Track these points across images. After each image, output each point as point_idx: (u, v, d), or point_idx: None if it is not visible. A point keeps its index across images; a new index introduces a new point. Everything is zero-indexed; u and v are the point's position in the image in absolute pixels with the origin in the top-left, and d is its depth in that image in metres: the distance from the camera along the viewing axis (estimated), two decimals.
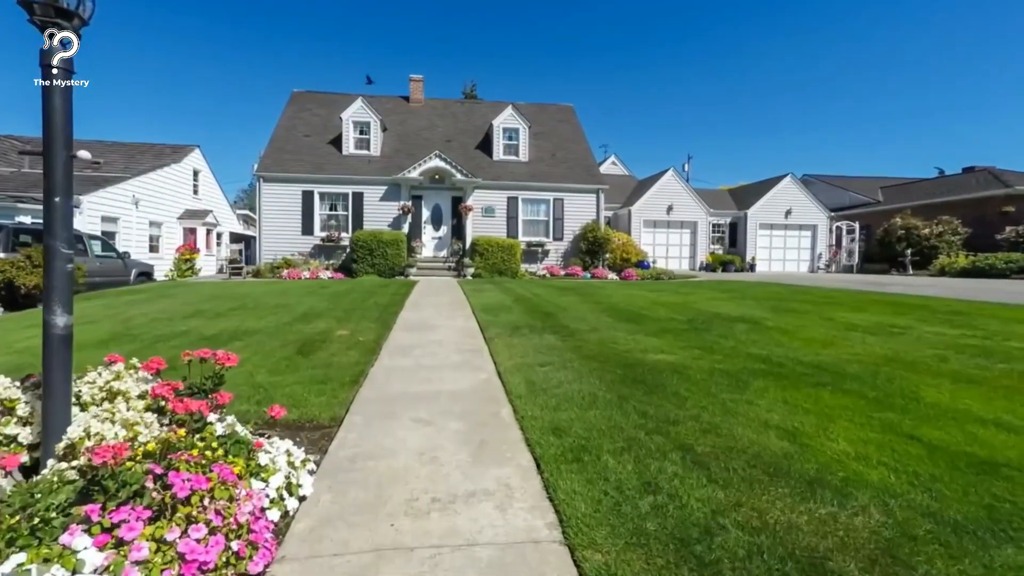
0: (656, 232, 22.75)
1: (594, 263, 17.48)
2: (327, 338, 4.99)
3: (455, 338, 5.19)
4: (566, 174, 18.43)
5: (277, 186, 16.67)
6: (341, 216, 17.06)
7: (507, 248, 15.84)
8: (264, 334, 5.14)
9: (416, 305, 7.66)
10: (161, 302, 7.71)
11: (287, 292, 9.11)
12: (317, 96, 20.59)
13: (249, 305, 7.19)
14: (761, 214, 23.07)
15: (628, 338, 5.01)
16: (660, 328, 5.54)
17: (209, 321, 5.89)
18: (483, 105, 21.95)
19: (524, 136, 18.71)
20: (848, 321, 5.91)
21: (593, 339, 4.95)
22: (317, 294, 8.86)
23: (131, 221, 17.55)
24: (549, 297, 8.66)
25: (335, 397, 3.19)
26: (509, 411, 3.00)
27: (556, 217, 17.92)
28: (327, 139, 18.36)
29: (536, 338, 5.04)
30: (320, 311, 6.72)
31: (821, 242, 23.31)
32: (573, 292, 9.60)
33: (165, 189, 19.82)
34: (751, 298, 8.62)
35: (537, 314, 6.59)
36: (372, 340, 4.98)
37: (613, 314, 6.61)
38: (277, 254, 16.25)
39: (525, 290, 9.93)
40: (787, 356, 4.14)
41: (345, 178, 16.91)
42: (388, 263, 15.23)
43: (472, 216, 17.29)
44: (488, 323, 5.88)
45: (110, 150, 20.78)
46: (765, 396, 3.13)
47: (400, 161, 17.63)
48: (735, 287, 11.45)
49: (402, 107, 21.00)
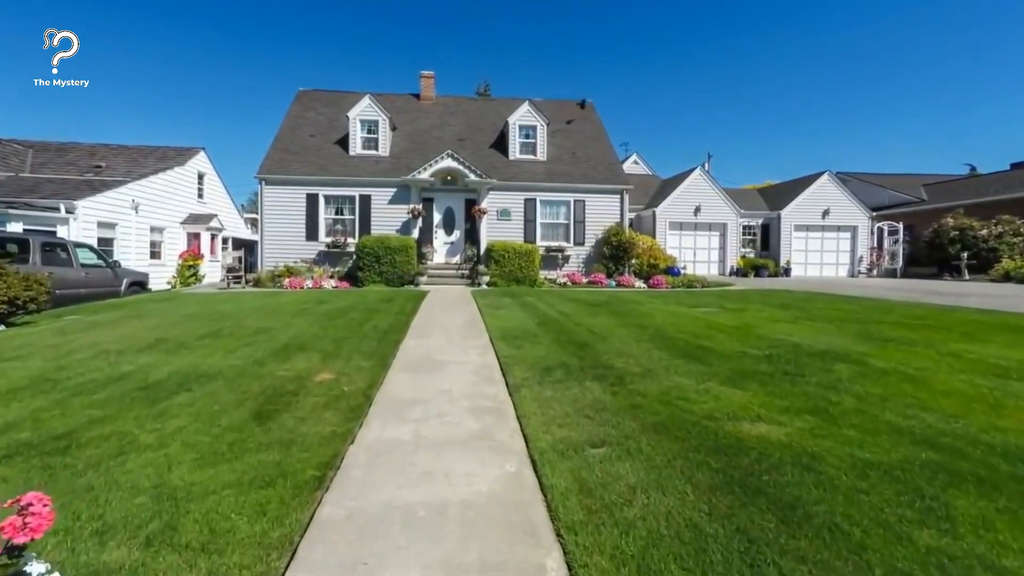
0: (683, 235, 21.33)
1: (618, 269, 16.18)
2: (302, 387, 3.81)
3: (469, 386, 3.98)
4: (587, 173, 17.15)
5: (280, 189, 15.69)
6: (347, 220, 16.03)
7: (525, 254, 14.63)
8: (223, 379, 3.99)
9: (423, 329, 6.47)
10: (128, 324, 6.65)
11: (278, 311, 8.00)
12: (324, 95, 19.63)
13: (225, 331, 6.07)
14: (796, 214, 21.50)
15: (699, 388, 3.74)
16: (735, 371, 4.25)
17: (166, 356, 4.77)
18: (497, 102, 20.78)
19: (542, 134, 17.48)
20: (980, 358, 4.55)
21: (652, 391, 3.70)
22: (311, 312, 7.73)
23: (130, 227, 16.74)
24: (579, 317, 7.41)
25: (280, 523, 2.00)
26: (559, 562, 1.78)
27: (577, 220, 16.65)
28: (333, 139, 17.37)
29: (575, 388, 3.80)
30: (306, 340, 5.56)
31: (861, 244, 21.64)
32: (605, 309, 8.33)
33: (168, 193, 19.03)
34: (821, 319, 7.25)
35: (569, 345, 5.34)
36: (361, 389, 3.80)
37: (664, 344, 5.34)
38: (280, 261, 15.27)
39: (549, 306, 8.69)
40: (954, 432, 2.84)
41: (352, 180, 15.87)
42: (396, 271, 14.13)
43: (486, 219, 16.11)
44: (511, 360, 4.66)
45: (114, 153, 20.09)
46: (994, 533, 1.85)
47: (410, 161, 16.54)
48: (788, 300, 10.04)
49: (412, 105, 19.93)
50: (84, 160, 19.03)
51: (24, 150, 19.08)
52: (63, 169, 18.01)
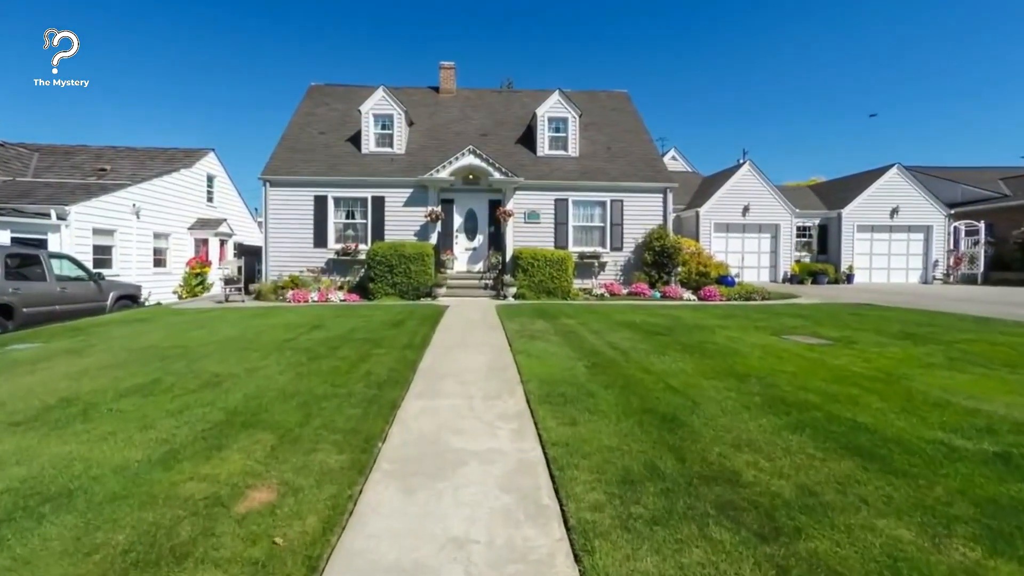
0: (729, 237, 19.20)
1: (662, 278, 14.23)
2: (204, 534, 2.13)
3: (500, 523, 2.24)
4: (625, 171, 15.25)
5: (286, 191, 14.30)
6: (359, 225, 14.53)
7: (557, 262, 12.84)
8: (76, 512, 2.34)
9: (433, 378, 4.76)
10: (55, 364, 5.14)
11: (256, 341, 6.42)
12: (336, 89, 18.25)
13: (166, 381, 4.48)
14: (859, 213, 19.09)
15: (953, 566, 1.90)
16: (980, 502, 2.39)
17: (40, 439, 3.18)
18: (523, 94, 19.04)
19: (574, 127, 15.66)
20: None
21: (854, 566, 1.88)
22: (295, 345, 6.11)
23: (130, 233, 15.62)
24: (641, 354, 5.59)
25: None
26: None
27: (614, 222, 14.77)
28: (345, 136, 15.92)
29: (695, 546, 2.01)
30: (266, 401, 3.92)
31: (936, 246, 19.07)
32: (672, 340, 6.48)
33: (174, 197, 17.93)
34: (996, 360, 5.23)
35: (649, 419, 3.54)
36: (307, 538, 2.10)
37: (796, 420, 3.49)
38: (286, 270, 13.86)
39: (595, 335, 6.88)
40: None
41: (364, 180, 14.36)
42: (411, 281, 12.52)
43: (513, 223, 14.38)
44: (564, 455, 2.90)
45: (120, 156, 19.14)
46: None
47: (428, 159, 14.95)
48: (895, 320, 7.97)
49: (431, 98, 18.37)
50: (90, 163, 18.10)
51: (30, 154, 18.27)
52: (67, 173, 17.07)
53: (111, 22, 72.11)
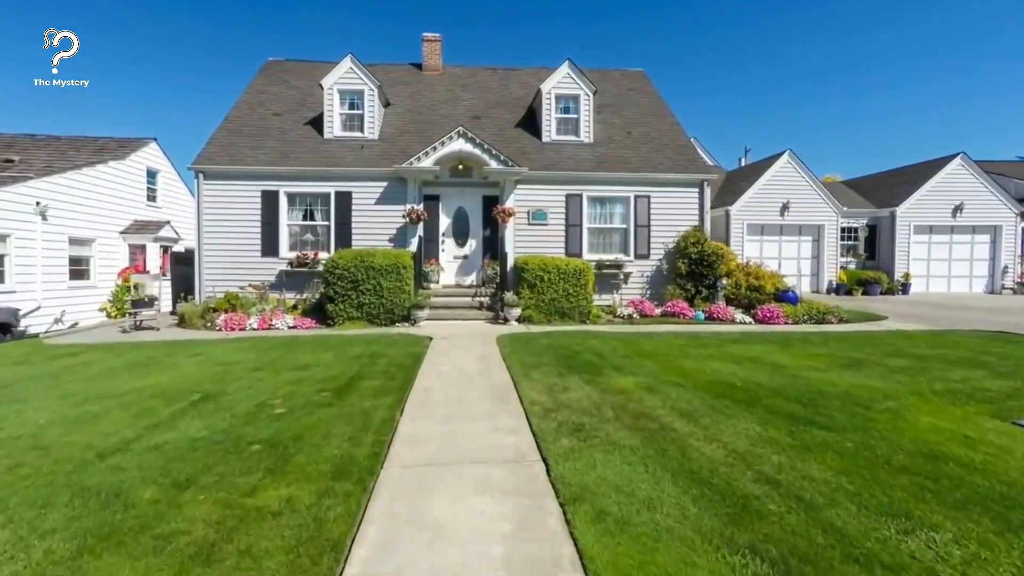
0: (764, 241, 16.38)
1: (700, 292, 11.34)
2: None
3: None
4: (650, 159, 12.35)
5: (225, 184, 11.21)
6: (320, 227, 11.48)
7: (573, 276, 9.90)
8: None
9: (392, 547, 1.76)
10: None
11: (101, 418, 3.39)
12: (297, 65, 15.17)
13: None
14: (916, 212, 16.38)
15: None
16: None
17: None
18: (523, 72, 16.06)
19: (587, 107, 12.74)
20: None
21: None
22: (79, 491, 3.08)
23: (33, 237, 12.40)
24: (791, 477, 2.63)
25: None
26: None
27: (639, 223, 11.86)
28: (305, 119, 12.85)
29: None
30: None
31: (1005, 250, 16.41)
32: (837, 441, 3.56)
33: (100, 194, 14.70)
34: None
35: None
36: None
37: None
38: (223, 286, 10.78)
39: (699, 429, 3.93)
40: None
41: (326, 171, 11.32)
42: (383, 302, 9.50)
43: (514, 225, 11.42)
44: None
45: (36, 146, 15.86)
46: None
47: (407, 146, 11.95)
48: None
49: (412, 76, 15.35)
50: None
51: None
52: None
53: (111, 22, 68.04)
